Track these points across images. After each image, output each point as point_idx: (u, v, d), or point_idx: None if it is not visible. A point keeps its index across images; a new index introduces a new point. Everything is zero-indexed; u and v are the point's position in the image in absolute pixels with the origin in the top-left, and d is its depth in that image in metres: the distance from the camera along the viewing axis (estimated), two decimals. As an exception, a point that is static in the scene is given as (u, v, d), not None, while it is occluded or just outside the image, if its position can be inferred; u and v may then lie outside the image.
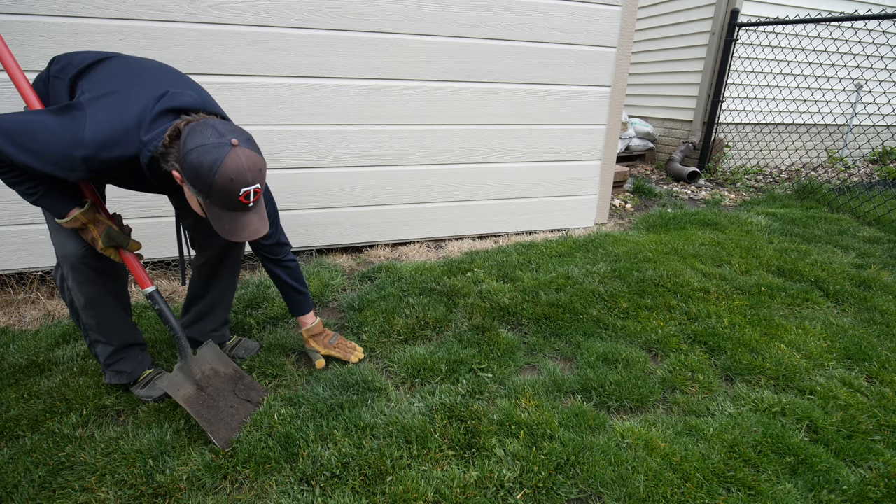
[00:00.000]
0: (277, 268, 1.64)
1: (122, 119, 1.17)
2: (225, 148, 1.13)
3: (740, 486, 1.29)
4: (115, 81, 1.23)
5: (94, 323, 1.51)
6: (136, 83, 1.24)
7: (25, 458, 1.35)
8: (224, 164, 1.12)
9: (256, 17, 2.30)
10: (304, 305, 1.74)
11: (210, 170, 1.11)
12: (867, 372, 1.79)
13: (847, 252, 2.95)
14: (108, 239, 1.35)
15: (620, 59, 3.06)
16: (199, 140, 1.13)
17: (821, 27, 4.78)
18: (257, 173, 1.18)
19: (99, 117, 1.15)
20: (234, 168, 1.13)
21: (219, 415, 1.46)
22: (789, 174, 5.30)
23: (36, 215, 2.27)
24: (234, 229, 1.23)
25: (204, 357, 1.56)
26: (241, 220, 1.23)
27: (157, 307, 1.48)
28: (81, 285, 1.43)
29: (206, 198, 1.17)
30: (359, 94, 2.59)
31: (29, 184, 1.24)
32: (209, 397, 1.48)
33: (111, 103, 1.18)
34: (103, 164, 1.17)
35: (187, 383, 1.48)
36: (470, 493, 1.24)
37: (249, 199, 1.19)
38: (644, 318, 2.10)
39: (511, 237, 3.23)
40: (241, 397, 1.55)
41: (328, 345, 1.79)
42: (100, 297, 1.48)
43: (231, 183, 1.14)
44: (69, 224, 1.31)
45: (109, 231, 1.35)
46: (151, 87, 1.24)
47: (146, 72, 1.29)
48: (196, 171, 1.12)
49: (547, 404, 1.57)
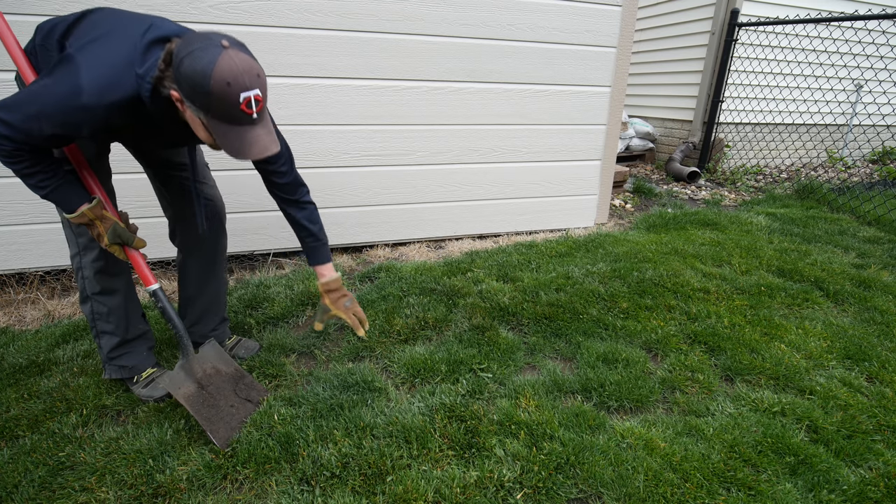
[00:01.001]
0: (293, 208, 1.57)
1: (113, 59, 1.14)
2: (216, 49, 1.07)
3: (740, 486, 1.29)
4: (99, 28, 1.21)
5: (105, 311, 1.53)
6: (119, 24, 1.22)
7: (25, 458, 1.35)
8: (217, 67, 1.06)
9: (256, 17, 2.30)
10: (321, 254, 1.64)
11: (204, 75, 1.06)
12: (867, 372, 1.79)
13: (847, 252, 2.95)
14: (114, 235, 1.36)
15: (620, 59, 3.06)
16: (189, 48, 1.08)
17: (821, 27, 4.78)
18: (255, 78, 1.11)
19: (91, 62, 1.12)
20: (229, 70, 1.06)
21: (219, 414, 1.46)
22: (789, 174, 5.30)
23: (36, 215, 2.27)
24: (243, 147, 1.17)
25: (206, 355, 1.57)
26: (247, 135, 1.16)
27: (160, 305, 1.48)
28: (98, 273, 1.46)
29: (206, 112, 1.12)
30: (359, 94, 2.59)
31: (41, 175, 1.23)
32: (210, 396, 1.48)
33: (99, 47, 1.15)
34: (107, 110, 1.15)
35: (188, 381, 1.48)
36: (470, 493, 1.24)
37: (252, 109, 1.12)
38: (644, 318, 2.10)
39: (511, 237, 3.23)
40: (241, 397, 1.55)
41: (341, 306, 1.68)
42: (113, 287, 1.51)
43: (228, 87, 1.07)
44: (76, 219, 1.32)
45: (116, 228, 1.36)
46: (135, 24, 1.21)
47: (127, 14, 1.27)
48: (191, 80, 1.07)
49: (547, 404, 1.57)
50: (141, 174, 1.94)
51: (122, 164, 1.61)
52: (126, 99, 1.16)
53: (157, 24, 1.21)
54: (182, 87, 1.10)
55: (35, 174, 1.22)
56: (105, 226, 1.35)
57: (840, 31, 5.02)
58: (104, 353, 1.59)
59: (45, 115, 1.12)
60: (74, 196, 1.30)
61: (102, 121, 1.17)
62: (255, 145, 1.17)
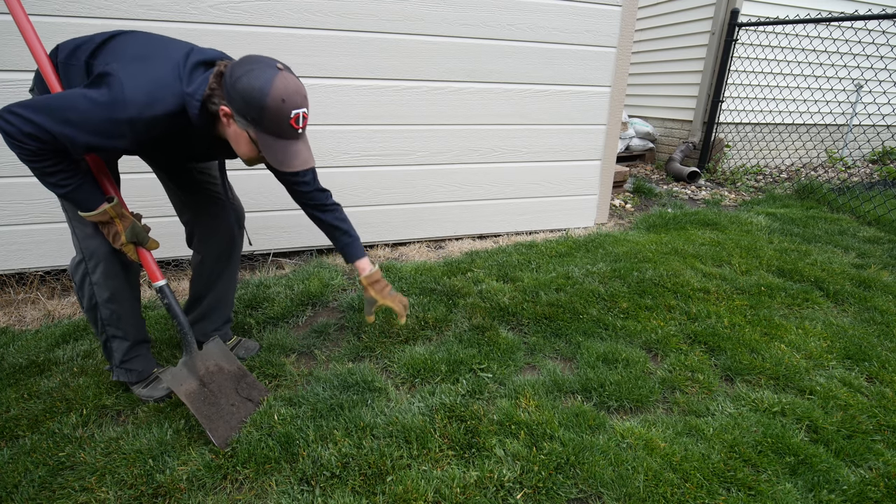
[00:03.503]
0: (320, 212, 1.64)
1: (157, 76, 1.19)
2: (273, 70, 1.16)
3: (740, 486, 1.29)
4: (137, 48, 1.24)
5: (116, 318, 1.52)
6: (160, 46, 1.27)
7: (25, 458, 1.35)
8: (274, 86, 1.15)
9: (256, 17, 2.30)
10: (356, 249, 1.70)
11: (261, 91, 1.14)
12: (867, 372, 1.79)
13: (847, 252, 2.95)
14: (132, 234, 1.37)
15: (620, 59, 3.06)
16: (247, 68, 1.17)
17: (821, 27, 4.78)
18: (304, 98, 1.22)
19: (135, 79, 1.16)
20: (284, 89, 1.16)
21: (219, 412, 1.46)
22: (789, 174, 5.30)
23: (36, 215, 2.27)
24: (287, 159, 1.25)
25: (209, 353, 1.56)
26: (292, 148, 1.26)
27: (167, 301, 1.48)
28: (108, 279, 1.45)
29: (257, 126, 1.20)
30: (359, 94, 2.59)
31: (63, 175, 1.23)
32: (211, 394, 1.48)
33: (142, 65, 1.20)
34: (148, 125, 1.18)
35: (190, 378, 1.48)
36: (470, 493, 1.24)
37: (299, 125, 1.22)
38: (644, 318, 2.10)
39: (511, 237, 3.23)
40: (242, 395, 1.55)
41: (387, 295, 1.73)
42: (123, 291, 1.51)
43: (283, 104, 1.16)
44: (97, 217, 1.32)
45: (134, 227, 1.37)
46: (174, 47, 1.28)
47: (162, 38, 1.32)
48: (247, 95, 1.15)
49: (547, 404, 1.57)
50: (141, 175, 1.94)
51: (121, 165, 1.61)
52: (167, 115, 1.20)
53: (198, 49, 1.30)
54: (234, 102, 1.19)
55: (56, 173, 1.22)
56: (124, 224, 1.36)
57: (840, 31, 5.02)
58: (115, 358, 1.58)
59: (86, 124, 1.14)
60: (93, 195, 1.31)
61: (143, 134, 1.20)
62: (297, 158, 1.27)
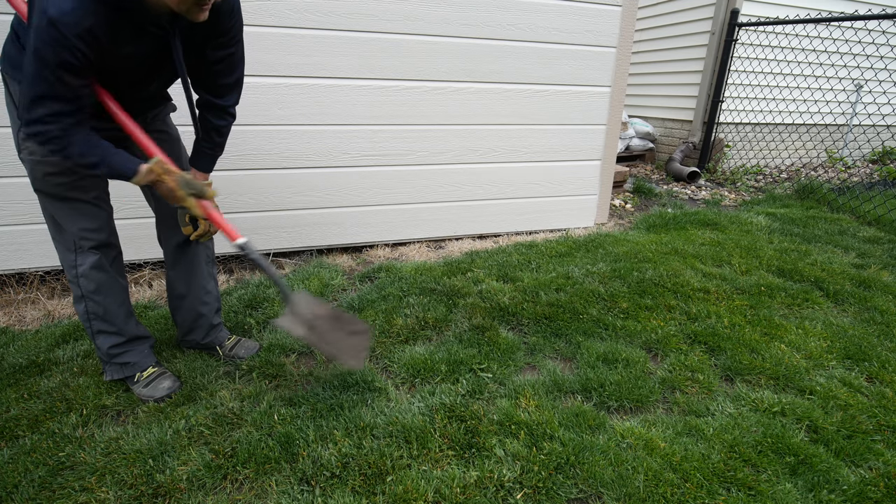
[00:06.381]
0: (214, 113, 1.49)
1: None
2: None
3: (740, 486, 1.29)
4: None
5: (102, 310, 1.52)
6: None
7: (25, 458, 1.35)
8: None
9: (256, 17, 2.30)
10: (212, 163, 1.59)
11: None
12: (867, 372, 1.79)
13: (847, 252, 2.95)
14: (186, 185, 1.32)
15: (620, 59, 3.06)
16: None
17: (821, 27, 4.78)
18: None
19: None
20: None
21: (338, 346, 1.55)
22: (789, 174, 5.30)
23: (36, 215, 2.26)
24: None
25: (304, 300, 1.60)
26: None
27: (252, 256, 1.47)
28: (94, 269, 1.45)
29: None
30: (359, 94, 2.59)
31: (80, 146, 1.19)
32: (322, 333, 1.55)
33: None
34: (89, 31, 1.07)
35: (299, 325, 1.53)
36: (470, 493, 1.24)
37: None
38: (644, 318, 2.10)
39: (511, 237, 3.23)
40: (348, 330, 1.62)
41: None
42: (109, 285, 1.50)
43: None
44: (145, 179, 1.27)
45: (185, 177, 1.32)
46: None
47: None
48: None
49: (547, 404, 1.57)
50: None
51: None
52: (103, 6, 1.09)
53: None
54: None
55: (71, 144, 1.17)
56: (173, 178, 1.31)
57: (840, 31, 5.02)
58: (103, 352, 1.58)
59: (34, 85, 1.08)
60: (128, 161, 1.27)
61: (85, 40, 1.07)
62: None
